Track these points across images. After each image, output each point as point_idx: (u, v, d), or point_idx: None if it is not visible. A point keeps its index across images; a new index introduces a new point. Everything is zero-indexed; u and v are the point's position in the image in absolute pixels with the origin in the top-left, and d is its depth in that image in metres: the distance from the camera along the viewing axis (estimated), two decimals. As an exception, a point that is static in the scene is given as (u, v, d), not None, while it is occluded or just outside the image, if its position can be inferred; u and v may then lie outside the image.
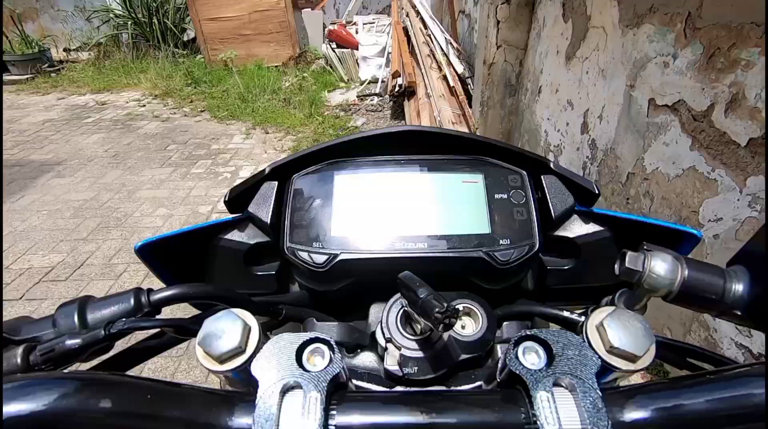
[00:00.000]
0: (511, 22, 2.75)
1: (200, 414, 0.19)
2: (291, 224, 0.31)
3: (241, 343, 0.23)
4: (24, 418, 0.17)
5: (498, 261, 0.29)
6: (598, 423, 0.18)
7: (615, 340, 0.22)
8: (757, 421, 0.17)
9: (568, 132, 2.29)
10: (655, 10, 1.58)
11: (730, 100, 1.28)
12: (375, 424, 0.19)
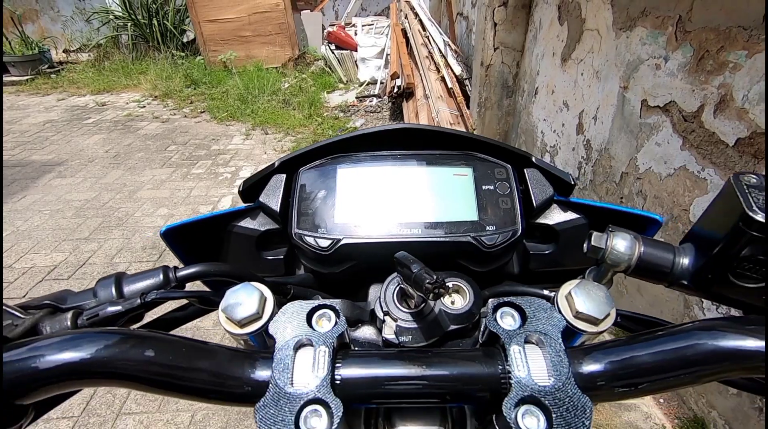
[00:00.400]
0: (508, 24, 2.79)
1: (227, 367, 0.23)
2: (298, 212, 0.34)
3: (258, 310, 0.26)
4: (88, 361, 0.20)
5: (484, 245, 0.32)
6: (560, 371, 0.21)
7: (580, 306, 0.25)
8: (697, 365, 0.21)
9: (564, 132, 2.33)
10: (647, 14, 1.62)
11: (719, 101, 1.32)
12: (374, 376, 0.22)
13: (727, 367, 0.21)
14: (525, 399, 0.20)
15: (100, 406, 1.58)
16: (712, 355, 0.21)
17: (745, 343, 0.21)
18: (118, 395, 1.62)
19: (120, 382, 0.22)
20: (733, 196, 0.23)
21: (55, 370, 0.20)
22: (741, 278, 0.24)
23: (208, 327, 1.94)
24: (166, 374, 0.22)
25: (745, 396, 1.27)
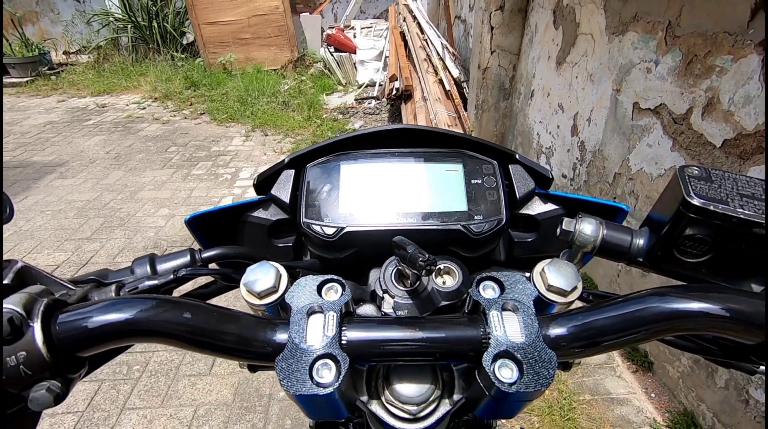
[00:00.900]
0: (505, 28, 2.83)
1: (250, 331, 0.26)
2: (306, 204, 0.38)
3: (275, 284, 0.30)
4: (134, 320, 0.24)
5: (473, 232, 0.36)
6: (531, 331, 0.25)
7: (551, 280, 0.29)
8: (648, 324, 0.25)
9: (559, 134, 2.38)
10: (639, 19, 1.67)
11: (706, 104, 1.37)
12: (374, 338, 0.26)
13: (673, 325, 0.25)
14: (501, 354, 0.24)
15: (104, 401, 1.61)
16: (661, 315, 0.25)
17: (689, 305, 0.25)
18: (122, 391, 1.66)
19: (161, 339, 0.26)
20: (677, 185, 0.27)
21: (106, 327, 0.24)
22: (684, 255, 0.28)
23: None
24: (201, 334, 0.26)
25: (732, 389, 1.31)
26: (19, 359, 0.22)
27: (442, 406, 0.29)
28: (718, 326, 0.24)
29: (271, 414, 1.56)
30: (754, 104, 1.20)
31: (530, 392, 0.23)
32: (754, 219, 0.25)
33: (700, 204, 0.26)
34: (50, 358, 0.23)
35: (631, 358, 1.72)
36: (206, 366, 1.77)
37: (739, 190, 0.27)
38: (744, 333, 0.24)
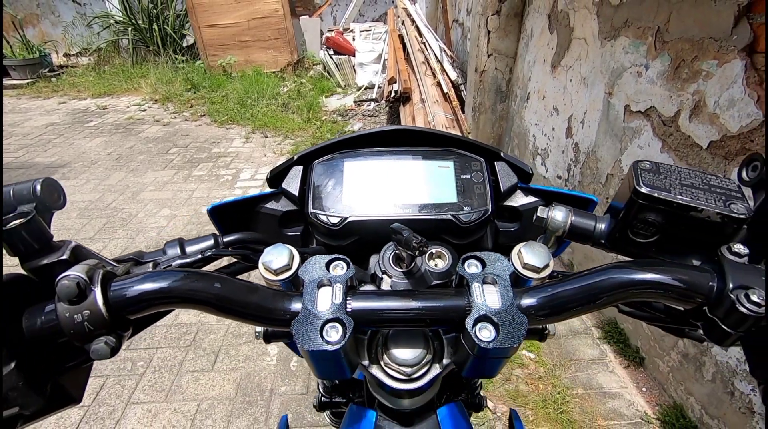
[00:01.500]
0: (501, 32, 2.89)
1: (270, 301, 0.31)
2: (313, 196, 0.43)
3: (288, 262, 0.34)
4: (173, 288, 0.28)
5: (462, 221, 0.41)
6: (506, 299, 0.29)
7: (526, 258, 0.33)
8: (607, 292, 0.29)
9: (554, 136, 2.43)
10: (630, 24, 1.72)
11: (693, 107, 1.42)
12: (374, 306, 0.30)
13: (627, 293, 0.29)
14: (481, 318, 0.29)
15: (110, 396, 1.65)
16: (617, 284, 0.29)
17: (640, 276, 0.29)
18: (127, 386, 1.69)
19: (195, 305, 0.30)
20: (631, 177, 0.32)
21: (151, 294, 0.28)
22: (637, 236, 0.33)
23: (212, 321, 2.01)
24: (228, 302, 0.30)
25: (718, 382, 1.36)
26: (84, 317, 0.26)
27: (433, 369, 0.34)
28: (663, 293, 0.29)
29: (273, 408, 1.60)
30: (738, 107, 1.25)
31: (505, 348, 0.28)
32: (690, 204, 0.29)
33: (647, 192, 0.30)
34: (108, 316, 0.27)
35: (624, 354, 1.77)
36: (209, 362, 1.81)
37: (682, 180, 0.31)
38: (683, 298, 0.29)
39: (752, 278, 0.26)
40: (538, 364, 1.76)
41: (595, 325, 1.94)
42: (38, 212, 0.30)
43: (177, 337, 1.93)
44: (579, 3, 2.10)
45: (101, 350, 0.26)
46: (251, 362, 1.80)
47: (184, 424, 1.54)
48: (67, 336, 0.26)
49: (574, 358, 1.77)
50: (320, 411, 0.64)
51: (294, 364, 1.79)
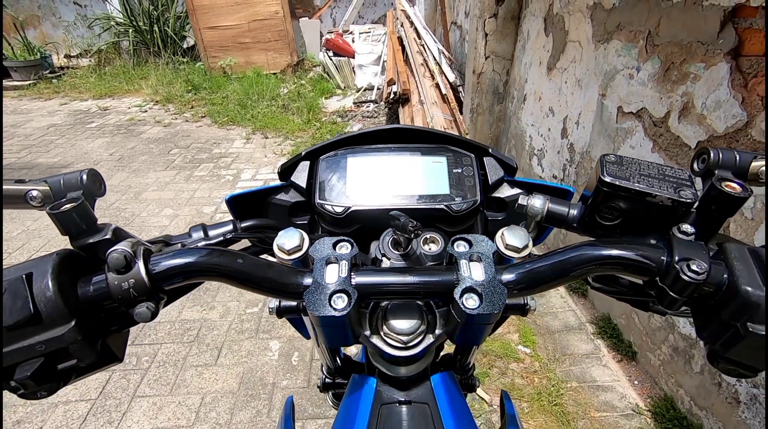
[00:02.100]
0: (498, 34, 2.94)
1: (285, 276, 0.35)
2: (319, 188, 0.47)
3: (299, 244, 0.38)
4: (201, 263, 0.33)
5: (453, 210, 0.45)
6: (489, 274, 0.34)
7: (508, 240, 0.38)
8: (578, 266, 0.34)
9: (550, 137, 2.47)
10: (622, 28, 1.77)
11: (682, 108, 1.47)
12: (376, 280, 0.35)
13: (594, 267, 0.34)
14: (467, 289, 0.33)
15: (116, 390, 1.69)
16: (585, 259, 0.34)
17: (605, 252, 0.33)
18: (132, 380, 1.73)
19: (220, 278, 0.34)
20: (598, 168, 0.36)
21: (184, 267, 0.33)
22: (603, 219, 0.37)
23: (215, 318, 2.06)
24: (249, 276, 0.34)
25: (707, 374, 1.40)
26: (129, 284, 0.30)
27: (427, 339, 0.38)
28: (623, 266, 0.33)
29: (275, 401, 1.64)
30: (724, 108, 1.30)
31: (488, 315, 0.32)
32: (646, 191, 0.34)
33: (610, 181, 0.35)
34: (149, 285, 0.31)
35: (617, 348, 1.81)
36: (212, 357, 1.85)
37: (641, 171, 0.36)
38: (639, 271, 0.33)
39: (695, 252, 0.31)
40: (533, 359, 1.80)
41: (590, 321, 1.98)
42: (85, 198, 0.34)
43: (180, 333, 1.97)
44: (574, 7, 2.15)
45: (143, 313, 0.31)
46: (254, 357, 1.84)
47: (189, 417, 1.59)
48: (116, 301, 0.31)
49: (568, 353, 1.82)
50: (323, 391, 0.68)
51: (295, 359, 1.83)
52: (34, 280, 0.28)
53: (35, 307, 0.28)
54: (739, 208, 0.32)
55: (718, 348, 0.31)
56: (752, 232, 1.23)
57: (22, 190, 0.35)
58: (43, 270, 0.29)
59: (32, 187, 0.36)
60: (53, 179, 0.36)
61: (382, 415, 0.39)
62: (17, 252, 2.60)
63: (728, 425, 1.33)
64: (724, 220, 0.33)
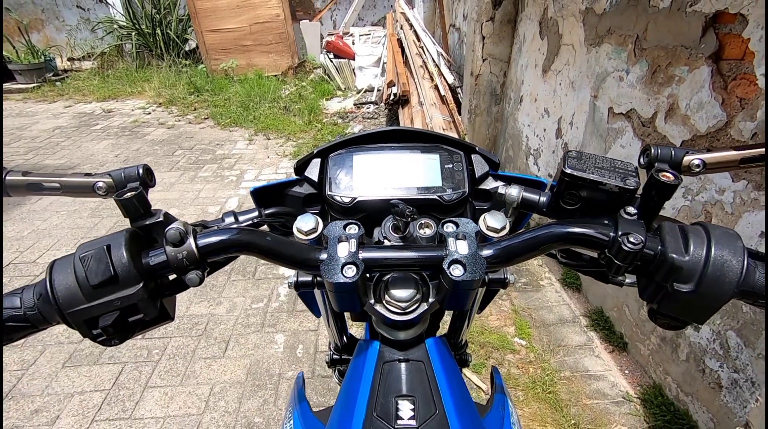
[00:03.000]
0: (495, 37, 3.02)
1: (304, 252, 0.42)
2: (329, 182, 0.54)
3: (315, 226, 0.46)
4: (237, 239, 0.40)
5: (445, 200, 0.53)
6: (471, 250, 0.41)
7: (489, 222, 0.45)
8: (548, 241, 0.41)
9: (545, 137, 2.55)
10: (612, 32, 1.85)
11: (668, 109, 1.54)
12: (379, 255, 0.42)
13: (557, 243, 0.41)
14: (453, 261, 0.40)
15: (128, 381, 1.77)
16: (550, 237, 0.41)
17: (567, 229, 0.41)
18: (144, 372, 1.81)
19: (252, 252, 0.41)
20: (562, 162, 0.43)
21: (225, 242, 0.40)
22: (566, 204, 0.45)
23: (222, 313, 2.13)
24: (276, 251, 0.42)
25: (692, 361, 1.48)
26: (183, 255, 0.38)
27: (422, 306, 0.45)
28: (581, 241, 0.40)
29: (281, 391, 1.72)
30: (705, 109, 1.38)
31: (470, 281, 0.39)
32: (598, 179, 0.41)
33: (570, 172, 0.42)
34: (198, 256, 0.38)
35: (609, 340, 1.88)
36: (220, 350, 1.92)
37: (596, 164, 0.43)
38: (593, 244, 0.40)
39: (635, 228, 0.38)
40: (528, 350, 1.87)
41: (583, 315, 2.05)
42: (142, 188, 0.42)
43: (189, 328, 2.05)
44: (567, 11, 2.22)
45: (193, 279, 0.38)
46: (260, 350, 1.92)
47: (199, 405, 1.66)
48: (172, 269, 0.38)
49: (562, 345, 1.89)
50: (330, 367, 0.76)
51: (300, 352, 1.91)
52: (111, 250, 0.36)
53: (114, 270, 0.35)
54: (673, 193, 0.40)
55: (655, 306, 0.38)
56: (732, 224, 1.30)
57: (90, 181, 0.43)
58: (118, 242, 0.37)
59: (99, 179, 0.43)
60: (116, 173, 0.44)
61: (384, 371, 0.46)
62: (28, 250, 2.67)
63: (712, 409, 1.40)
64: (662, 203, 0.40)
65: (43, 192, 0.43)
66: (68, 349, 1.92)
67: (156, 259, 0.38)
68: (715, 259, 0.35)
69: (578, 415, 1.57)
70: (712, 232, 0.36)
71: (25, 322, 0.35)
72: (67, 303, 0.35)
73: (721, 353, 1.36)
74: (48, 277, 0.35)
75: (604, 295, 2.01)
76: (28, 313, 0.35)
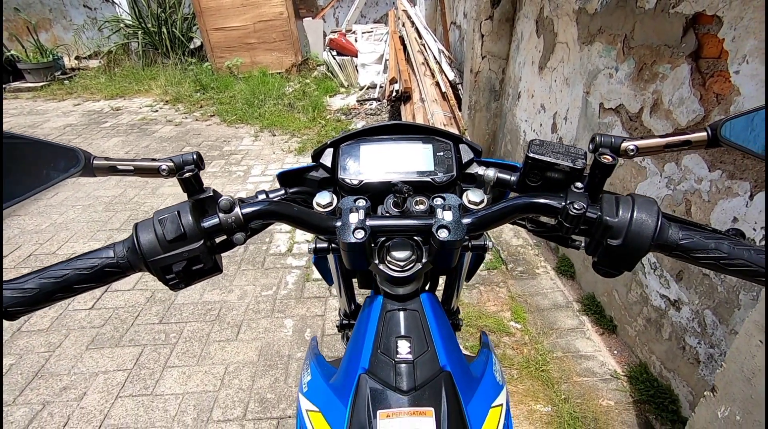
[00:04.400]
0: (494, 35, 3.11)
1: (324, 220, 0.53)
2: (341, 167, 0.65)
3: (331, 200, 0.57)
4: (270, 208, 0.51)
5: (436, 182, 0.64)
6: (455, 217, 0.52)
7: (470, 196, 0.56)
8: (518, 211, 0.52)
9: (542, 132, 2.65)
10: (603, 31, 1.94)
11: (653, 104, 1.64)
12: (382, 223, 0.53)
13: (521, 211, 0.52)
14: (440, 226, 0.51)
15: (148, 361, 1.89)
16: (516, 206, 0.52)
17: (529, 200, 0.51)
18: (162, 353, 1.93)
19: (283, 220, 0.52)
20: (527, 148, 0.54)
21: (262, 211, 0.51)
22: (531, 182, 0.55)
23: (233, 300, 2.25)
24: (301, 219, 0.53)
25: (673, 339, 1.58)
26: (232, 220, 0.49)
27: (417, 265, 0.56)
28: (540, 209, 0.51)
29: (291, 370, 1.84)
30: (686, 104, 1.48)
31: (454, 241, 0.50)
32: (553, 161, 0.51)
33: (532, 155, 0.52)
34: (243, 221, 0.49)
35: (599, 323, 1.99)
36: (233, 333, 2.04)
37: (554, 150, 0.53)
38: (549, 212, 0.51)
39: (580, 198, 0.48)
40: (523, 333, 1.99)
41: (576, 300, 2.16)
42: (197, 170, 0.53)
43: (203, 313, 2.17)
44: (562, 11, 2.32)
45: (239, 238, 0.49)
46: (270, 333, 2.04)
47: (215, 383, 1.78)
48: (223, 230, 0.49)
49: (555, 328, 2.00)
50: (340, 331, 0.87)
51: (308, 335, 2.02)
52: (181, 215, 0.47)
53: (183, 229, 0.46)
54: (611, 171, 0.50)
55: (596, 259, 0.49)
56: (708, 211, 1.40)
57: (156, 165, 0.54)
58: (185, 209, 0.48)
59: (162, 163, 0.54)
60: (176, 158, 0.55)
61: (387, 318, 0.57)
62: (47, 243, 2.80)
63: (691, 382, 1.51)
64: (605, 180, 0.51)
65: (119, 173, 0.55)
66: (90, 333, 2.05)
67: (211, 222, 0.49)
68: (636, 219, 0.46)
69: (568, 391, 1.68)
70: (636, 200, 0.47)
71: (117, 268, 0.47)
72: (149, 254, 0.46)
73: (699, 331, 1.46)
74: (134, 234, 0.46)
75: (596, 282, 2.12)
76: (120, 261, 0.47)
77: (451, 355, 0.56)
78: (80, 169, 0.51)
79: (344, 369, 0.60)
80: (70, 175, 0.50)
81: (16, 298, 0.44)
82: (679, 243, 0.46)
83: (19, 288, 0.44)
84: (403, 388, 0.50)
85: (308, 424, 0.59)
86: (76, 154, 0.50)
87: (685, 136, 0.53)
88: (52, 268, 0.45)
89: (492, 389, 0.62)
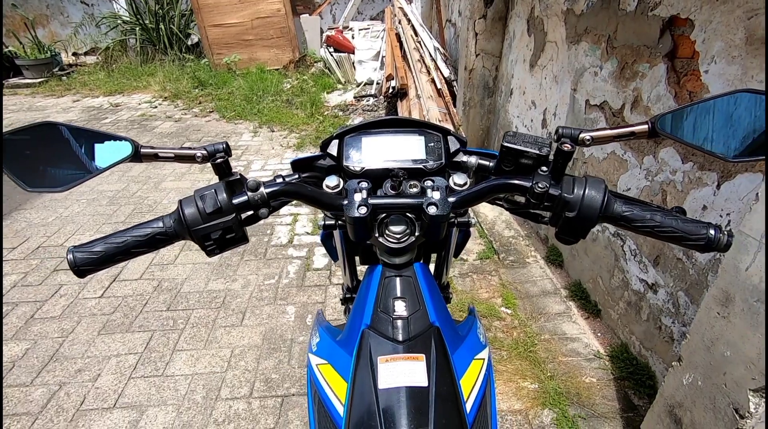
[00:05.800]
0: (487, 34, 3.21)
1: (333, 199, 0.62)
2: (345, 156, 0.76)
3: (338, 183, 0.67)
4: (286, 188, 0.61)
5: (428, 169, 0.74)
6: (442, 196, 0.62)
7: (455, 179, 0.66)
8: (494, 191, 0.62)
9: (533, 127, 2.75)
10: (589, 31, 2.05)
11: (633, 101, 1.75)
12: (382, 201, 0.63)
13: (497, 191, 0.62)
14: (429, 203, 0.61)
15: (158, 345, 1.99)
16: (493, 186, 0.62)
17: (504, 182, 0.62)
18: (171, 338, 2.03)
19: (299, 198, 0.62)
20: (502, 138, 0.64)
21: (279, 191, 0.61)
22: (505, 166, 0.66)
23: (237, 288, 2.35)
24: (314, 198, 0.62)
25: (651, 320, 1.70)
26: (258, 197, 0.59)
27: (411, 238, 0.66)
28: (513, 189, 0.61)
29: (294, 353, 1.94)
30: (662, 101, 1.59)
31: (441, 215, 0.60)
32: (523, 148, 0.62)
33: (506, 144, 0.63)
34: (267, 198, 0.60)
35: (585, 308, 2.11)
36: (237, 319, 2.14)
37: (524, 140, 0.64)
38: (520, 191, 0.61)
39: (543, 179, 0.59)
40: (513, 318, 2.10)
41: (564, 287, 2.28)
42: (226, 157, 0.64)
43: (209, 301, 2.27)
44: (551, 11, 2.42)
45: (264, 213, 0.60)
46: (273, 319, 2.14)
47: (222, 365, 1.89)
48: (251, 206, 0.59)
49: (543, 313, 2.12)
50: (343, 304, 0.98)
51: (309, 321, 2.13)
52: (216, 192, 0.57)
53: (219, 204, 0.56)
54: (571, 157, 0.61)
55: (557, 229, 0.60)
56: (681, 200, 1.52)
57: (192, 152, 0.64)
58: (220, 189, 0.58)
59: (197, 151, 0.64)
60: (209, 146, 0.65)
61: (386, 283, 0.68)
62: (55, 235, 2.88)
63: (666, 359, 1.63)
64: (566, 164, 0.61)
65: (161, 159, 0.64)
66: (101, 320, 2.15)
67: (240, 199, 0.60)
68: (587, 195, 0.56)
69: (554, 369, 1.80)
70: (588, 180, 0.58)
71: (165, 235, 0.57)
72: (192, 224, 0.56)
73: (673, 311, 1.58)
74: (180, 208, 0.57)
75: (582, 270, 2.23)
76: (168, 230, 0.57)
77: (440, 314, 0.67)
78: (131, 155, 0.61)
79: (349, 326, 0.71)
80: (124, 160, 0.60)
81: (86, 259, 0.54)
82: (623, 214, 0.57)
83: (89, 250, 0.55)
84: (399, 338, 0.61)
85: (319, 376, 0.69)
86: (128, 142, 0.60)
87: (630, 127, 0.64)
88: (114, 235, 0.56)
89: (475, 345, 0.72)
